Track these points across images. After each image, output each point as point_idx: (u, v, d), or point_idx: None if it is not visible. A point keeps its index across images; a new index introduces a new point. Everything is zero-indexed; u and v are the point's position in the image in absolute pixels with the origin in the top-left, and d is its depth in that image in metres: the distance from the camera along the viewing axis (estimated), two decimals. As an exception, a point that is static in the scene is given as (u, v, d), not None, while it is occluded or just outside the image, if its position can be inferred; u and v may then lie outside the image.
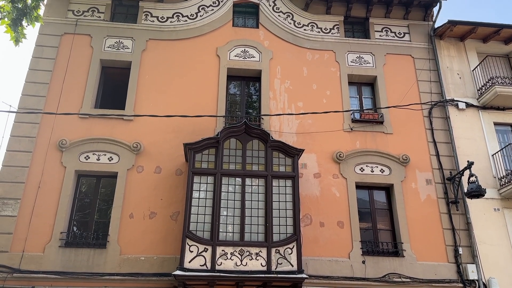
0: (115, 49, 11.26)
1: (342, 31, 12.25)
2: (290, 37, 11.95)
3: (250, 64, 11.40)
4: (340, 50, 11.90)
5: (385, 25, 12.49)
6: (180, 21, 11.82)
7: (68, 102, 10.43)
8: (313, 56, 11.78)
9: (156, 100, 10.68)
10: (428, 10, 12.54)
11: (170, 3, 12.06)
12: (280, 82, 11.29)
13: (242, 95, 11.39)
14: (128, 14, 12.05)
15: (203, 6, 12.16)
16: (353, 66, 11.74)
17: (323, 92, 11.27)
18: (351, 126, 10.83)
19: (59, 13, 11.50)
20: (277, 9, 12.38)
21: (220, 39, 11.67)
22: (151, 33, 11.55)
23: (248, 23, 12.34)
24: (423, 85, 11.55)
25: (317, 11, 12.44)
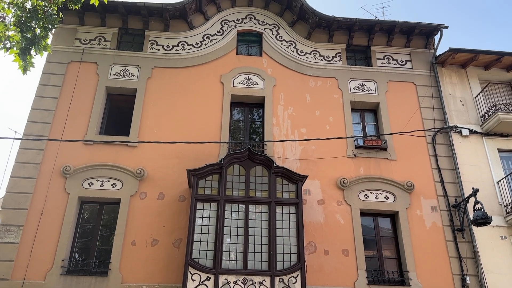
0: (120, 76, 11.44)
1: (344, 59, 12.42)
2: (293, 65, 12.13)
3: (254, 91, 11.52)
4: (343, 77, 12.04)
5: (387, 53, 12.66)
6: (185, 50, 12.06)
7: (73, 128, 10.52)
8: (316, 83, 11.91)
9: (160, 127, 10.76)
10: (429, 38, 12.72)
11: (176, 32, 12.33)
12: (283, 108, 11.38)
13: (246, 121, 11.47)
14: (134, 43, 12.30)
15: (207, 35, 12.42)
16: (355, 93, 11.85)
17: (326, 118, 11.33)
18: (354, 153, 10.83)
19: (67, 41, 11.76)
20: (280, 37, 12.62)
21: (224, 66, 11.84)
22: (156, 61, 11.76)
23: (252, 51, 12.56)
24: (426, 111, 11.60)
25: (319, 40, 12.67)
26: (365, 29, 12.60)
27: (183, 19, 12.41)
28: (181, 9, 12.08)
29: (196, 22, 12.54)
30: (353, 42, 12.68)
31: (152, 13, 12.10)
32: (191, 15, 12.44)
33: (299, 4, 12.37)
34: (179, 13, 12.26)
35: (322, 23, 12.45)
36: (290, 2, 12.70)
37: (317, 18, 12.23)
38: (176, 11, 12.13)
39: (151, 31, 12.25)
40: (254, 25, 12.80)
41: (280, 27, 12.81)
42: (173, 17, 12.31)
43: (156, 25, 12.32)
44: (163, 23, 12.28)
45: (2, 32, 6.49)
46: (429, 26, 12.35)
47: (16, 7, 6.60)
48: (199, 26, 12.51)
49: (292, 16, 12.85)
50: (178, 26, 12.40)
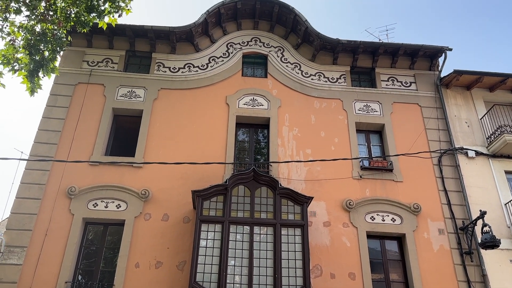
0: (127, 98, 11.53)
1: (348, 81, 12.47)
2: (298, 86, 12.18)
3: (259, 112, 11.56)
4: (347, 98, 12.06)
5: (391, 75, 12.70)
6: (191, 71, 12.16)
7: (79, 149, 10.54)
8: (321, 104, 11.93)
9: (165, 147, 10.77)
10: (433, 60, 12.75)
11: (182, 54, 12.47)
12: (289, 129, 11.38)
13: (251, 141, 11.47)
14: (141, 65, 12.43)
15: (213, 57, 12.55)
16: (360, 114, 11.84)
17: (331, 139, 11.31)
18: (360, 174, 10.73)
19: (75, 63, 11.91)
20: (285, 59, 12.72)
21: (229, 88, 11.91)
22: (162, 82, 11.85)
23: (257, 73, 12.66)
24: (432, 133, 11.54)
25: (324, 62, 12.75)
26: (369, 51, 12.68)
27: (189, 42, 12.57)
28: (187, 32, 12.25)
29: (202, 45, 12.70)
30: (358, 64, 12.75)
31: (159, 36, 12.27)
32: (198, 38, 12.60)
33: (304, 27, 12.51)
34: (185, 36, 12.43)
35: (326, 45, 12.56)
36: (294, 25, 12.86)
37: (322, 41, 12.35)
38: (183, 34, 12.30)
39: (158, 53, 12.40)
40: (259, 47, 12.94)
41: (285, 49, 12.94)
42: (180, 40, 12.47)
43: (163, 47, 12.49)
44: (170, 46, 12.44)
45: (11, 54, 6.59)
46: (433, 49, 12.41)
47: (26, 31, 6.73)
48: (205, 48, 12.66)
49: (296, 38, 12.98)
50: (184, 49, 12.55)
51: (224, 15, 12.78)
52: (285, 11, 12.77)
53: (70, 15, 6.92)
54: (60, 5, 6.80)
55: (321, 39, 12.29)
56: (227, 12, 12.81)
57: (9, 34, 6.62)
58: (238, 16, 13.00)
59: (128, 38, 12.24)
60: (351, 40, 12.30)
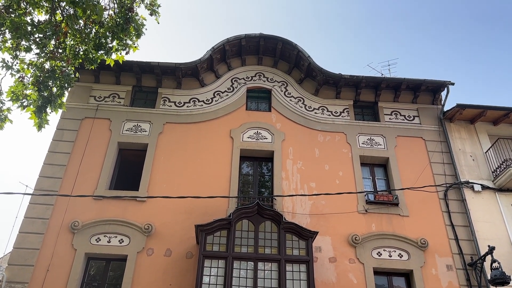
0: (132, 132, 11.62)
1: (352, 114, 12.53)
2: (302, 120, 12.26)
3: (263, 145, 11.59)
4: (351, 132, 12.09)
5: (394, 109, 12.77)
6: (196, 106, 12.30)
7: (83, 183, 10.53)
8: (325, 137, 11.96)
9: (169, 181, 10.75)
10: (436, 94, 12.83)
11: (188, 89, 12.65)
12: (293, 162, 11.36)
13: (255, 175, 11.42)
14: (147, 100, 12.60)
15: (218, 92, 12.72)
16: (364, 147, 11.83)
17: (336, 173, 11.25)
18: (365, 208, 10.61)
19: (82, 98, 12.09)
20: (289, 94, 12.87)
21: (234, 122, 12.01)
22: (168, 117, 11.97)
23: (261, 106, 12.78)
24: (437, 167, 11.46)
25: (327, 96, 12.88)
26: (371, 85, 12.81)
27: (195, 77, 12.77)
28: (193, 68, 12.48)
29: (207, 80, 12.89)
30: (360, 98, 12.85)
31: (165, 72, 12.50)
32: (203, 73, 12.82)
33: (307, 63, 12.72)
34: (191, 72, 12.65)
35: (329, 80, 12.71)
36: (298, 61, 13.07)
37: (325, 76, 12.51)
38: (189, 70, 12.53)
39: (164, 88, 12.59)
40: (263, 82, 13.13)
41: (288, 84, 13.11)
42: (185, 75, 12.69)
43: (169, 82, 12.69)
44: (176, 81, 12.64)
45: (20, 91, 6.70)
46: (435, 83, 12.52)
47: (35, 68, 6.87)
48: (210, 83, 12.85)
49: (300, 74, 13.17)
50: (190, 84, 12.74)
51: (229, 52, 13.04)
52: (288, 48, 13.03)
53: (78, 52, 7.08)
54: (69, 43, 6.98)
55: (324, 74, 12.46)
56: (231, 49, 13.08)
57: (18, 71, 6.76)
58: (243, 52, 13.27)
59: (135, 73, 12.47)
60: (353, 75, 12.46)
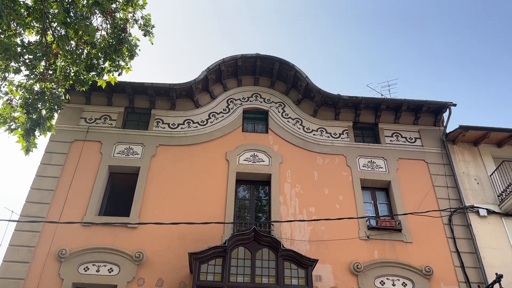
0: (124, 155, 11.56)
1: (351, 136, 12.56)
2: (300, 142, 12.26)
3: (260, 168, 11.55)
4: (351, 154, 12.09)
5: (395, 130, 12.82)
6: (191, 127, 12.30)
7: (72, 209, 10.39)
8: (324, 160, 11.95)
9: (162, 206, 10.65)
10: (438, 116, 12.91)
11: (182, 110, 12.68)
12: (291, 186, 11.31)
13: (252, 199, 11.36)
14: (139, 121, 12.59)
15: (213, 113, 12.74)
16: (365, 170, 11.81)
17: (336, 197, 11.20)
18: (367, 234, 10.52)
19: (72, 120, 12.05)
20: (286, 115, 12.92)
21: (229, 144, 12.00)
22: (161, 139, 11.94)
23: (258, 128, 12.80)
24: (440, 190, 11.43)
25: (326, 117, 12.93)
26: (371, 106, 12.90)
27: (189, 98, 12.82)
28: (187, 89, 12.53)
29: (202, 101, 12.94)
30: (360, 119, 12.93)
31: (159, 93, 12.54)
32: (198, 94, 12.86)
33: (304, 83, 12.80)
34: (185, 93, 12.70)
35: (328, 101, 12.79)
36: (295, 81, 13.16)
37: (323, 97, 12.59)
38: (183, 90, 12.58)
39: (157, 110, 12.60)
40: (260, 103, 13.20)
41: (286, 105, 13.18)
42: (180, 96, 12.73)
43: (162, 104, 12.71)
44: (170, 102, 12.67)
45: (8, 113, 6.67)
46: (437, 104, 12.61)
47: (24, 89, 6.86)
48: (205, 104, 12.89)
49: (297, 94, 13.25)
50: (184, 105, 12.77)
51: (224, 72, 13.13)
52: (285, 68, 13.14)
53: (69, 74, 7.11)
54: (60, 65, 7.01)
55: (322, 95, 12.54)
56: (227, 69, 13.19)
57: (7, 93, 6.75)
58: (239, 73, 13.37)
59: (128, 95, 12.50)
60: (352, 96, 12.56)
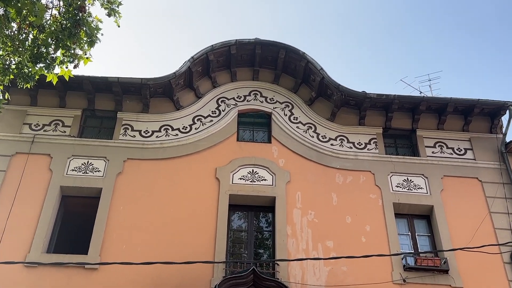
0: (81, 172, 11.52)
1: (381, 147, 12.60)
2: (313, 154, 12.25)
3: (260, 190, 11.55)
4: (381, 170, 12.08)
5: (439, 139, 12.85)
6: (169, 136, 12.30)
7: (12, 245, 10.24)
8: (345, 178, 11.96)
9: (131, 240, 10.64)
10: (494, 120, 12.94)
11: (158, 113, 12.67)
12: (302, 213, 11.32)
13: (250, 230, 11.39)
14: (102, 128, 12.61)
15: (199, 117, 12.75)
16: (399, 192, 11.81)
17: (361, 227, 11.20)
18: (403, 277, 10.50)
19: (12, 127, 12.01)
20: (295, 119, 12.93)
21: (220, 157, 11.98)
22: (130, 151, 11.91)
23: (258, 136, 12.84)
24: (499, 218, 11.43)
25: (347, 122, 12.95)
26: (407, 108, 12.92)
27: (167, 97, 12.82)
28: (165, 85, 12.48)
29: (184, 101, 12.93)
30: (392, 124, 12.94)
31: (127, 91, 12.49)
32: (178, 92, 12.85)
33: (319, 77, 12.76)
34: (162, 90, 12.68)
35: (349, 100, 12.76)
36: (307, 75, 13.21)
37: (343, 95, 12.52)
38: (159, 87, 12.54)
39: (125, 112, 12.59)
40: (260, 103, 13.23)
41: (294, 105, 13.22)
42: (155, 95, 12.69)
43: (132, 105, 12.69)
44: (142, 103, 12.64)
45: None
46: (492, 105, 12.65)
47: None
48: (189, 105, 12.90)
49: (310, 92, 13.28)
50: (160, 106, 12.77)
51: (214, 63, 13.11)
52: (293, 57, 13.15)
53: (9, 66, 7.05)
54: (-4, 54, 6.95)
55: (342, 93, 12.47)
56: (217, 59, 13.18)
57: None
58: (232, 64, 13.37)
59: (87, 93, 12.46)
60: (382, 93, 12.54)
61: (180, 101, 12.86)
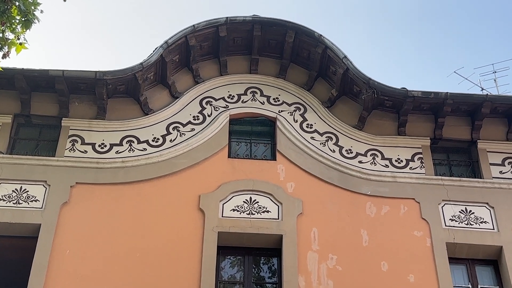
0: (11, 203, 11.42)
1: (429, 164, 12.65)
2: (335, 175, 12.30)
3: (262, 225, 11.58)
4: (429, 198, 12.09)
5: (509, 154, 12.93)
6: (134, 150, 12.32)
7: None
8: (378, 208, 12.00)
9: (81, 295, 10.63)
10: None
11: (118, 120, 12.69)
12: (319, 257, 11.36)
13: (247, 282, 11.43)
14: (40, 141, 12.59)
15: (176, 125, 12.81)
16: (455, 228, 11.80)
17: (402, 276, 11.24)
18: None
19: None
20: (309, 126, 13.04)
21: (205, 180, 12.00)
22: (79, 172, 11.85)
23: (257, 151, 12.94)
24: None
25: (381, 130, 13.10)
26: (464, 110, 12.96)
27: (131, 97, 12.88)
28: (128, 80, 12.46)
29: (155, 102, 13.02)
30: (444, 134, 13.01)
31: (76, 88, 12.47)
32: (147, 90, 12.89)
33: (342, 68, 12.73)
34: (124, 88, 12.71)
35: (384, 101, 12.82)
36: (325, 66, 13.35)
37: (376, 93, 12.47)
38: (120, 84, 12.52)
39: (74, 119, 12.58)
40: (260, 105, 13.33)
41: (307, 108, 13.37)
42: (115, 94, 12.73)
43: (82, 108, 12.71)
44: (96, 106, 12.61)
45: None
46: None
47: None
48: (161, 109, 12.97)
49: (329, 89, 13.42)
50: (122, 110, 12.87)
51: (196, 50, 13.19)
52: (306, 42, 13.30)
53: None
54: None
55: (374, 90, 12.42)
56: (201, 45, 13.29)
57: None
58: (222, 51, 13.48)
59: (19, 92, 12.43)
60: (429, 91, 12.55)
61: (149, 102, 12.89)
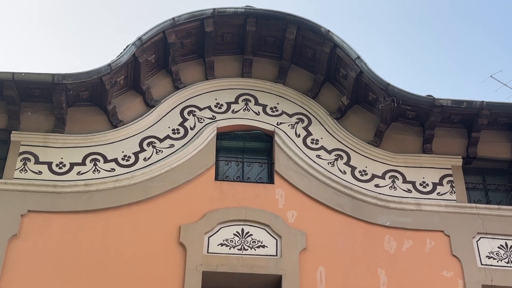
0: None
1: (461, 189, 12.58)
2: (346, 202, 12.20)
3: (256, 264, 11.43)
4: (461, 230, 11.97)
5: (561, 177, 12.16)
6: (100, 171, 12.24)
7: None
8: (400, 243, 11.89)
9: None
10: None
11: (80, 134, 12.50)
12: (327, 303, 11.34)
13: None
14: (-17, 159, 12.25)
15: (151, 140, 12.66)
16: (493, 267, 11.65)
17: (429, 326, 11.18)
18: None
19: None
20: (314, 142, 12.98)
21: (187, 208, 11.90)
22: (32, 198, 11.69)
23: (251, 172, 12.86)
24: None
25: (402, 148, 13.08)
26: (503, 123, 12.95)
27: (96, 105, 12.78)
28: (93, 85, 12.34)
29: (125, 112, 12.96)
30: (479, 152, 12.98)
31: (28, 95, 12.40)
32: (116, 97, 12.78)
33: (355, 72, 12.67)
34: (88, 94, 12.57)
35: (406, 111, 12.74)
36: (333, 68, 13.38)
37: (395, 101, 12.30)
38: (83, 89, 12.33)
39: (26, 133, 12.45)
40: (255, 115, 13.29)
41: (313, 119, 13.34)
42: (76, 102, 12.60)
43: (36, 119, 12.64)
44: (53, 116, 12.51)
45: None
46: None
47: None
48: (133, 121, 12.92)
49: (339, 96, 13.37)
50: (85, 122, 12.81)
51: (176, 48, 13.15)
52: (311, 38, 13.32)
53: None
54: None
55: (394, 97, 12.33)
56: (182, 42, 13.29)
57: None
58: (208, 50, 13.47)
59: (-42, 100, 12.12)
60: (460, 99, 12.53)
61: (118, 112, 12.80)
